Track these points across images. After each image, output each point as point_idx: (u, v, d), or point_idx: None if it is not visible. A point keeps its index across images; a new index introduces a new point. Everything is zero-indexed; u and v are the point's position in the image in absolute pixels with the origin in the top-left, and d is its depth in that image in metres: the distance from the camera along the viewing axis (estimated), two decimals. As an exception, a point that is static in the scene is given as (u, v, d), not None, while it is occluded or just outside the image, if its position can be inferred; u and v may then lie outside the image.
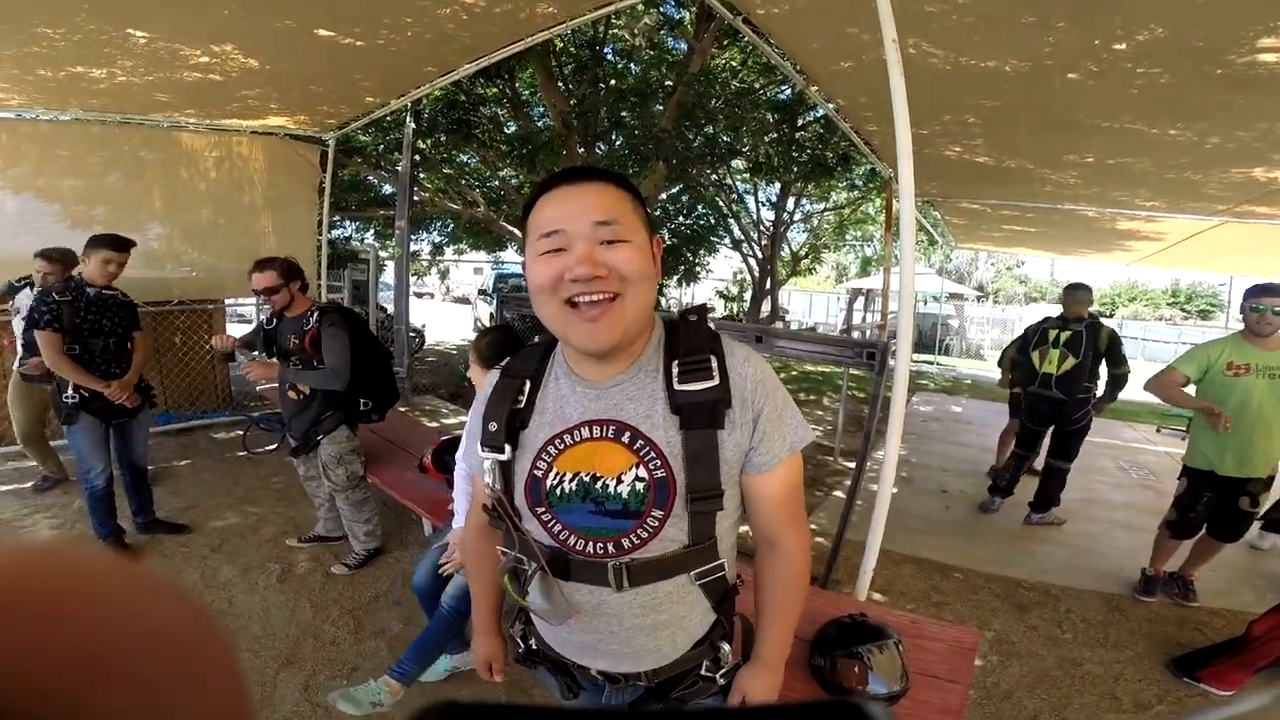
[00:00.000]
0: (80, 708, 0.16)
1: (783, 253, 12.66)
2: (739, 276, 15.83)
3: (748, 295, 13.19)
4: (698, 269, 10.58)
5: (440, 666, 2.42)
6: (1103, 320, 4.18)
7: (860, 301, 15.93)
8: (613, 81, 6.92)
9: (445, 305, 23.58)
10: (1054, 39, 2.61)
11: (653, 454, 0.91)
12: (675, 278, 10.28)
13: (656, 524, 0.91)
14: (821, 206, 12.74)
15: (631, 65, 7.39)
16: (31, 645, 0.16)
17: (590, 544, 0.93)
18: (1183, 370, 3.07)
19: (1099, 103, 3.22)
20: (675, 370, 0.92)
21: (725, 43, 6.84)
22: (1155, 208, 5.47)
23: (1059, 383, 4.04)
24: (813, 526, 4.06)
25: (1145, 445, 6.92)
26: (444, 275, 21.27)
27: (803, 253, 13.69)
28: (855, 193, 11.28)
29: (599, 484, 0.92)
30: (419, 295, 24.32)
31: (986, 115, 3.93)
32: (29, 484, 4.06)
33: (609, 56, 7.32)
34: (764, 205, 11.71)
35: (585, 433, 0.94)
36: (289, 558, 3.30)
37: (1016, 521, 4.32)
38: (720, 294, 15.11)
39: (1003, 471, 4.49)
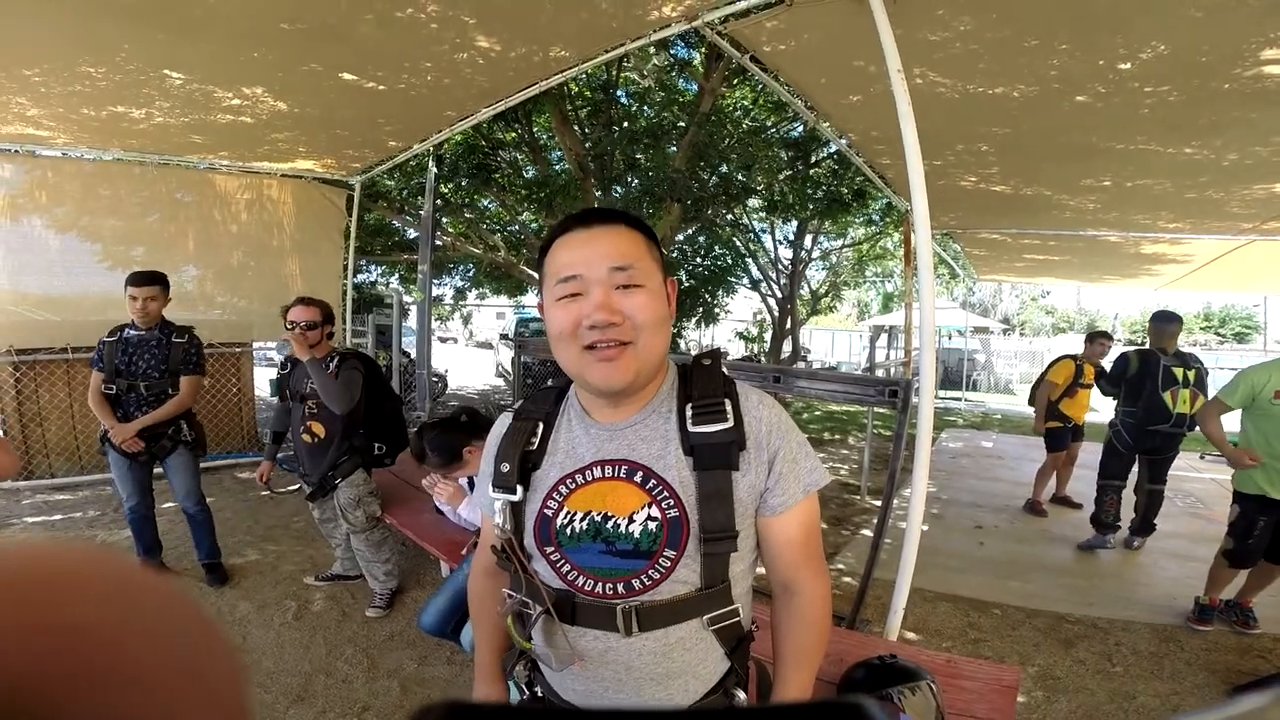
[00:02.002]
0: (78, 708, 0.16)
1: (802, 291, 12.65)
2: (758, 317, 15.82)
3: (768, 335, 13.13)
4: (716, 310, 10.60)
5: None
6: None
7: (884, 339, 15.77)
8: (625, 124, 7.10)
9: (469, 350, 23.92)
10: (1058, 62, 2.64)
11: (665, 493, 0.90)
12: (694, 319, 10.29)
13: (669, 564, 0.89)
14: (840, 243, 12.76)
15: (644, 107, 7.59)
16: (28, 644, 0.16)
17: (600, 584, 0.91)
18: (1225, 400, 3.10)
19: (1111, 124, 3.22)
20: (689, 412, 0.93)
21: (735, 81, 7.00)
22: (1179, 229, 5.41)
23: (1192, 422, 4.00)
24: (840, 566, 3.95)
25: (1189, 473, 6.66)
26: (467, 320, 21.68)
27: (822, 291, 13.66)
28: (873, 228, 11.30)
29: (610, 523, 0.91)
30: (443, 340, 24.73)
31: (999, 143, 3.95)
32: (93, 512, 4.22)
33: (621, 99, 7.52)
34: (781, 244, 11.78)
35: (597, 472, 0.93)
36: (306, 595, 3.29)
37: (1056, 556, 4.19)
38: (740, 334, 15.05)
39: (1108, 508, 4.34)
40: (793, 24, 2.73)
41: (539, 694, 1.06)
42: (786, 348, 11.95)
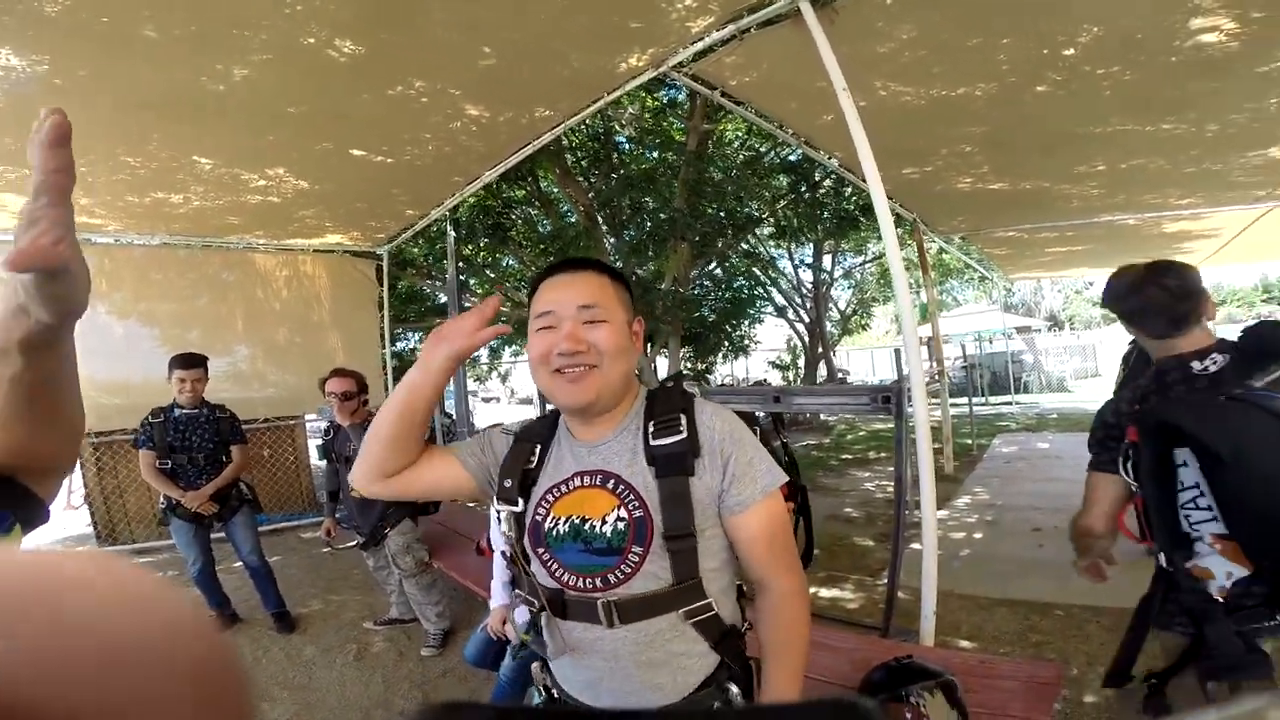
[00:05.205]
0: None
1: (830, 313, 12.60)
2: (791, 343, 15.77)
3: (801, 361, 13.01)
4: (745, 342, 10.54)
5: None
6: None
7: (924, 351, 15.45)
8: (622, 171, 7.36)
9: (512, 406, 24.61)
10: (1005, 56, 2.76)
11: (632, 496, 1.04)
12: (720, 354, 10.29)
13: (637, 560, 1.01)
14: (860, 260, 12.74)
15: (644, 151, 7.84)
16: (30, 655, 0.15)
17: (581, 579, 1.04)
18: None
19: (1078, 110, 3.28)
20: (651, 428, 1.08)
21: (720, 116, 7.22)
22: (1194, 204, 5.32)
23: None
24: (885, 580, 3.89)
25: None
26: (505, 378, 22.23)
27: (850, 310, 13.58)
28: (891, 242, 11.24)
29: (587, 525, 1.04)
30: (486, 400, 25.50)
31: (980, 142, 4.03)
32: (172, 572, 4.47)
33: (621, 145, 7.79)
34: (800, 267, 11.82)
35: (577, 482, 1.09)
36: (366, 639, 3.49)
37: (1124, 552, 4.00)
38: (773, 364, 14.94)
39: None
40: (750, 55, 2.94)
41: (555, 695, 1.20)
42: (822, 371, 11.82)
